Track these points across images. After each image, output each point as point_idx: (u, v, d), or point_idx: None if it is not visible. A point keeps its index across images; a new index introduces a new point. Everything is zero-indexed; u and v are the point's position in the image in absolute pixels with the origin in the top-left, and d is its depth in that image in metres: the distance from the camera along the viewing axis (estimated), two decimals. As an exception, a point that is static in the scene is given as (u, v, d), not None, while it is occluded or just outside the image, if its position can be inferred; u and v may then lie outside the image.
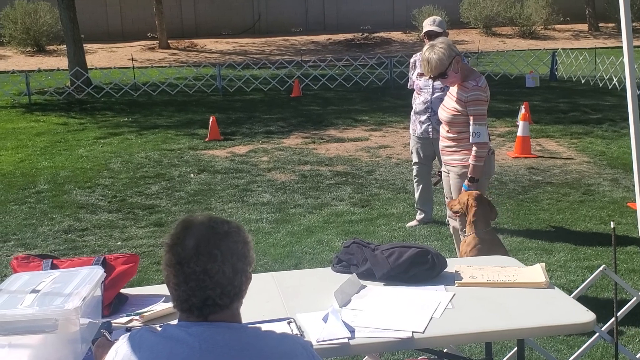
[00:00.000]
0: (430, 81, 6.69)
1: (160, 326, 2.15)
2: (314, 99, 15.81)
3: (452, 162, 5.28)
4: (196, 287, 2.01)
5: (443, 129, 5.34)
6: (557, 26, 29.61)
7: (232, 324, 2.06)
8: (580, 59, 18.24)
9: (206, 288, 2.01)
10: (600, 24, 29.47)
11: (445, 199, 5.56)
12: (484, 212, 4.82)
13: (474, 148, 5.07)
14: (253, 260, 2.13)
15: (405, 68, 17.34)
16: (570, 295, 3.39)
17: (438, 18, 6.89)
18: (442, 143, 5.36)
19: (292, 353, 2.05)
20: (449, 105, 5.21)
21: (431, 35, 6.65)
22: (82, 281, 2.72)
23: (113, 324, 2.82)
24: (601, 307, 4.72)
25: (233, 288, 2.04)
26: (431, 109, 6.66)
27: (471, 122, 5.06)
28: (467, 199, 4.83)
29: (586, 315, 2.88)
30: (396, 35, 29.66)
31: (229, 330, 2.03)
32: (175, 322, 2.10)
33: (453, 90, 5.22)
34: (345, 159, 10.00)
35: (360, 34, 29.70)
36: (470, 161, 5.09)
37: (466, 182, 5.13)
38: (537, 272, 3.26)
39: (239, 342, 2.01)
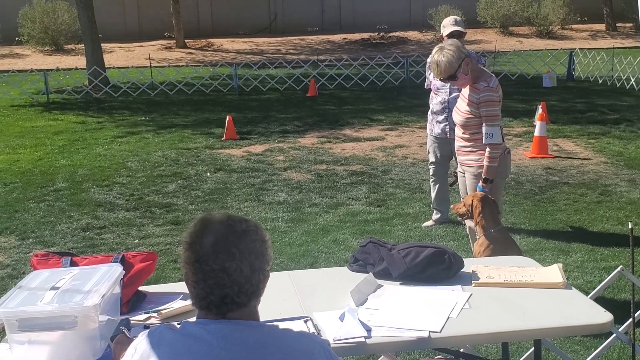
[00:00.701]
0: (448, 81, 6.69)
1: (178, 323, 2.17)
2: (330, 99, 15.81)
3: (468, 163, 5.27)
4: (214, 285, 2.02)
5: (458, 130, 5.33)
6: (575, 26, 29.43)
7: (249, 322, 2.07)
8: (598, 59, 18.13)
9: (224, 286, 2.02)
10: (617, 24, 29.26)
11: (462, 199, 5.55)
12: (490, 211, 4.81)
13: (487, 149, 5.05)
14: (271, 259, 2.14)
15: (422, 67, 17.31)
16: (587, 296, 3.37)
17: (457, 17, 6.85)
18: (458, 143, 5.35)
19: (310, 351, 2.06)
20: (462, 109, 5.18)
21: (454, 35, 6.60)
22: (101, 278, 2.74)
23: (131, 321, 2.84)
24: (618, 308, 4.69)
25: (251, 286, 2.05)
26: (448, 109, 6.64)
27: (484, 123, 5.03)
28: (472, 201, 4.83)
29: (603, 316, 2.87)
30: (412, 34, 29.59)
31: (246, 328, 2.04)
32: (193, 319, 2.12)
33: (465, 92, 5.18)
34: (361, 159, 10.00)
35: (377, 33, 29.66)
36: (484, 162, 5.08)
37: (480, 183, 5.12)
38: (554, 272, 3.25)
39: (256, 339, 2.02)
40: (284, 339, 2.06)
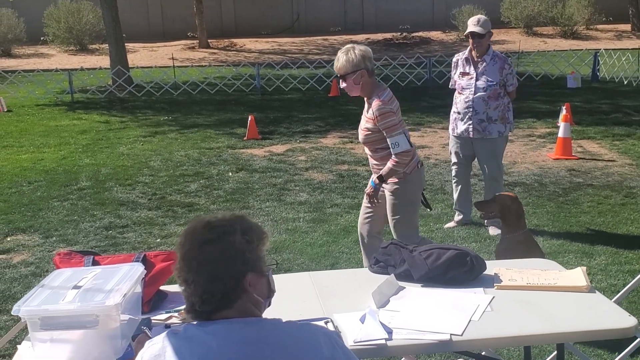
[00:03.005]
0: (473, 81, 6.65)
1: (181, 326, 2.20)
2: (352, 99, 15.74)
3: None
4: (184, 294, 2.13)
5: (366, 148, 5.12)
6: (600, 26, 29.15)
7: (248, 319, 2.09)
8: (623, 59, 17.94)
9: (190, 296, 2.10)
10: (644, 24, 28.94)
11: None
12: (520, 214, 4.79)
13: (396, 158, 4.82)
14: (254, 261, 2.13)
15: (444, 68, 17.27)
16: (611, 299, 3.33)
17: (483, 17, 6.69)
18: (370, 161, 5.14)
19: (314, 339, 2.06)
20: (362, 126, 4.99)
21: (474, 36, 6.58)
22: (123, 278, 2.75)
23: (153, 321, 2.86)
24: (643, 312, 4.64)
25: (212, 297, 2.07)
26: (473, 108, 6.61)
27: (386, 136, 4.83)
28: (506, 201, 4.79)
29: (628, 320, 2.84)
30: (435, 34, 29.48)
31: (245, 325, 2.06)
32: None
33: (365, 109, 4.99)
34: (383, 159, 9.95)
35: (399, 33, 29.58)
36: (389, 164, 4.85)
37: (374, 178, 4.94)
38: (578, 275, 3.22)
39: (256, 335, 2.03)
40: (287, 330, 2.08)
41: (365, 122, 4.95)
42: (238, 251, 2.10)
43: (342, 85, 4.92)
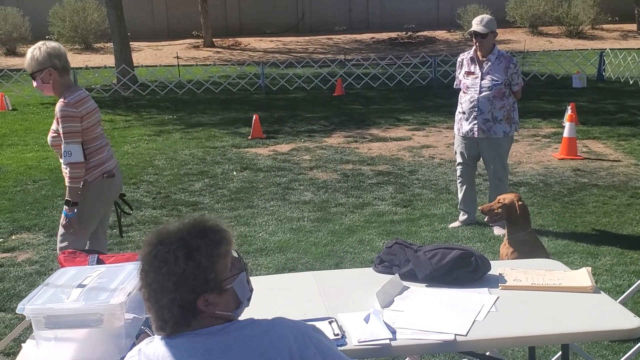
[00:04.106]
0: (478, 80, 6.64)
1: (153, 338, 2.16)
2: (357, 98, 15.79)
3: None
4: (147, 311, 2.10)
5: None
6: (605, 26, 29.09)
7: (213, 328, 2.04)
8: (629, 59, 17.90)
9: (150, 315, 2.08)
10: (649, 24, 28.86)
11: None
12: (525, 214, 4.78)
13: (68, 169, 4.62)
14: (201, 286, 2.02)
15: (449, 67, 17.26)
16: (616, 300, 3.32)
17: (487, 17, 6.69)
18: (62, 169, 4.90)
19: (282, 340, 2.02)
20: (52, 127, 4.80)
21: (477, 36, 6.57)
22: (127, 277, 2.75)
23: (156, 320, 2.85)
24: (648, 312, 4.62)
25: (165, 323, 2.03)
26: (478, 107, 6.60)
27: (62, 141, 4.61)
28: (513, 200, 4.78)
29: (633, 321, 2.82)
30: (440, 34, 29.45)
31: (208, 337, 2.02)
32: None
33: None
34: (387, 159, 9.97)
35: (404, 32, 29.56)
36: (66, 183, 4.65)
37: (65, 207, 4.71)
38: (583, 276, 3.21)
39: (220, 345, 2.00)
40: (255, 333, 2.04)
41: (54, 123, 4.71)
42: (178, 282, 1.99)
43: (34, 84, 4.76)
